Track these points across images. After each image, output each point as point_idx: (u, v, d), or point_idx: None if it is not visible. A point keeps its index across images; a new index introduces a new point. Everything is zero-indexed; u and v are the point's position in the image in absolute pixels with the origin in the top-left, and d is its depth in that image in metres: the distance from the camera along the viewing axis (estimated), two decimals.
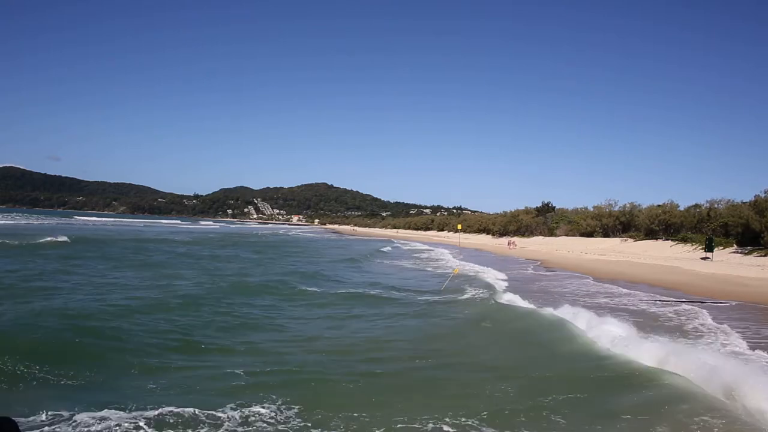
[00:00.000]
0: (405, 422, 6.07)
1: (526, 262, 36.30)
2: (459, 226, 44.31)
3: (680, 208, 51.36)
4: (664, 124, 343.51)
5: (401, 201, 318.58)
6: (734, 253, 35.84)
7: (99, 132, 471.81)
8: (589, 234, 58.75)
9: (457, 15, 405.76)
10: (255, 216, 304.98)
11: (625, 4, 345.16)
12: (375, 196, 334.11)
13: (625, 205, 59.53)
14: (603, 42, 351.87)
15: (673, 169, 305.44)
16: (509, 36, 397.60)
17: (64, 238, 32.61)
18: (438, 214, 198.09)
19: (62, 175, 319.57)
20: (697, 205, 49.68)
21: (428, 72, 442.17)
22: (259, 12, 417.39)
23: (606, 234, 57.11)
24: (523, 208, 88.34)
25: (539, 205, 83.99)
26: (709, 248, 35.71)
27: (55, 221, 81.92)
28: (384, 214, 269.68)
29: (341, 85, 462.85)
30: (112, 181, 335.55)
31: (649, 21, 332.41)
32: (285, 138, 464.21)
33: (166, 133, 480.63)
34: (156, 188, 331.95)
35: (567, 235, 63.93)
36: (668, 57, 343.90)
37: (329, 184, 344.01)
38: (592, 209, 65.44)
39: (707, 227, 42.83)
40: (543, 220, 76.75)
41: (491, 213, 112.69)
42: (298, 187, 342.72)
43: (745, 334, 11.80)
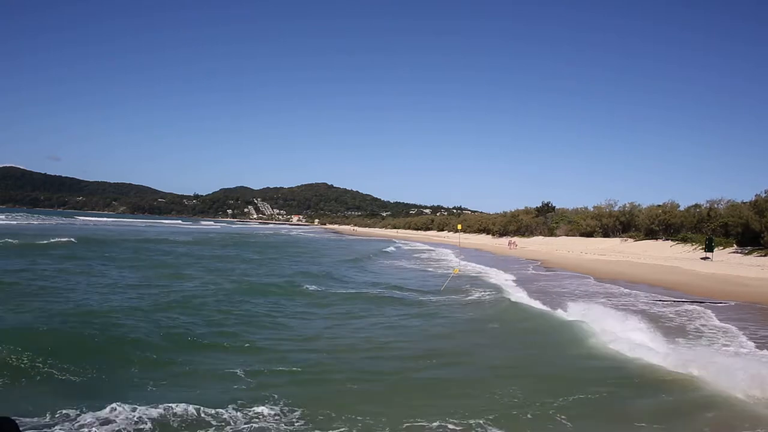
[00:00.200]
0: (410, 422, 6.05)
1: (526, 262, 36.35)
2: (459, 226, 44.26)
3: (680, 208, 51.49)
4: (664, 124, 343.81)
5: (401, 201, 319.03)
6: (734, 253, 35.88)
7: (99, 132, 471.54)
8: (589, 234, 58.80)
9: (457, 15, 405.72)
10: (255, 216, 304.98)
11: (625, 4, 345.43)
12: (375, 196, 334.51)
13: (625, 205, 59.68)
14: (603, 42, 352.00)
15: (673, 169, 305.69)
16: (509, 36, 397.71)
17: (70, 239, 32.96)
18: (438, 214, 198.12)
19: (62, 175, 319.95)
20: (697, 205, 49.74)
21: (428, 72, 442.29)
22: (259, 12, 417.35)
23: (606, 234, 57.17)
24: (523, 208, 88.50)
25: (539, 205, 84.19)
26: (709, 248, 35.75)
27: (57, 221, 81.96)
28: (384, 214, 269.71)
29: (341, 85, 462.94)
30: (112, 181, 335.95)
31: (649, 21, 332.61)
32: (285, 138, 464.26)
33: (166, 133, 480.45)
34: (156, 188, 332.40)
35: (567, 235, 63.98)
36: (668, 57, 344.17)
37: (329, 184, 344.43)
38: (592, 209, 65.53)
39: (707, 227, 42.87)
40: (543, 220, 76.81)
41: (491, 213, 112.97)
42: (298, 187, 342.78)
43: (747, 334, 11.78)
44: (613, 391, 7.27)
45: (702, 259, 35.08)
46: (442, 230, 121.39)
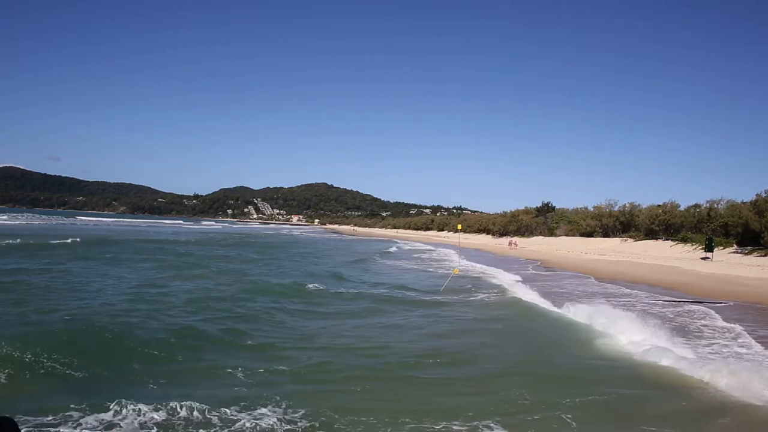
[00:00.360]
0: (414, 423, 6.06)
1: (526, 262, 36.44)
2: (459, 226, 44.35)
3: (680, 208, 51.57)
4: (664, 124, 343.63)
5: (401, 201, 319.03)
6: (734, 253, 35.97)
7: (99, 132, 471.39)
8: (589, 234, 58.89)
9: (457, 15, 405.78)
10: (255, 216, 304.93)
11: (625, 4, 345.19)
12: (375, 196, 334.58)
13: (625, 205, 59.74)
14: (603, 42, 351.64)
15: (673, 169, 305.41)
16: (509, 36, 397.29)
17: (76, 239, 33.31)
18: (438, 214, 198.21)
19: (62, 175, 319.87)
20: (697, 205, 49.80)
21: (428, 72, 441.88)
22: (259, 12, 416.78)
23: (606, 234, 57.25)
24: (523, 208, 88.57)
25: (539, 205, 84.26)
26: (709, 248, 35.83)
27: (60, 221, 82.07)
28: (384, 214, 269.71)
29: (341, 85, 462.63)
30: (112, 181, 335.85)
31: (649, 21, 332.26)
32: (285, 138, 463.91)
33: (166, 133, 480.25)
34: (156, 188, 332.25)
35: (567, 235, 64.07)
36: (668, 57, 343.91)
37: (329, 184, 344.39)
38: (592, 209, 65.60)
39: (707, 227, 42.95)
40: (543, 220, 76.91)
41: (491, 213, 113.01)
42: (298, 187, 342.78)
43: (756, 336, 11.67)
44: (622, 393, 7.18)
45: (702, 259, 35.16)
46: (442, 230, 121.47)
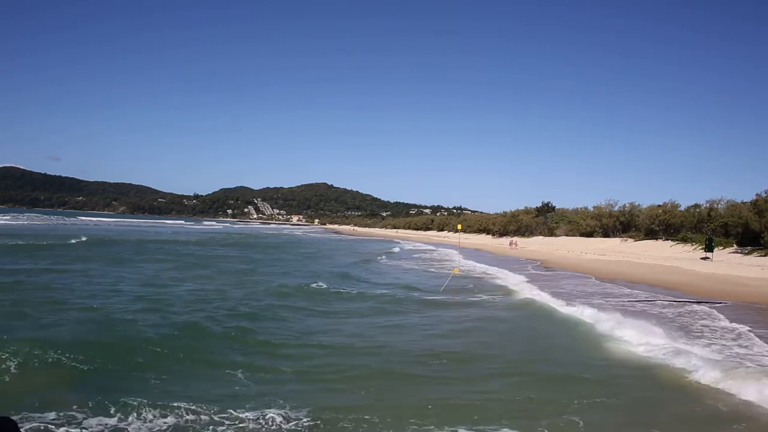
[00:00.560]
0: (419, 423, 6.07)
1: (525, 262, 36.47)
2: (459, 226, 44.42)
3: (680, 208, 51.60)
4: (664, 124, 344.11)
5: (401, 201, 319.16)
6: (734, 253, 36.00)
7: (99, 132, 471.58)
8: (589, 234, 58.92)
9: (457, 15, 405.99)
10: (255, 216, 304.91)
11: (625, 4, 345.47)
12: (375, 196, 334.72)
13: (625, 205, 59.75)
14: (603, 42, 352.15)
15: (673, 169, 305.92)
16: (509, 36, 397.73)
17: (82, 239, 33.59)
18: (438, 214, 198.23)
19: (62, 175, 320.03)
20: (697, 205, 49.82)
21: (428, 72, 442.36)
22: (259, 12, 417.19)
23: (606, 234, 57.29)
24: (523, 208, 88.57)
25: (539, 205, 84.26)
26: (709, 248, 35.85)
27: (61, 221, 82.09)
28: (384, 214, 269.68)
29: (341, 85, 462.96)
30: (112, 181, 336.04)
31: (649, 21, 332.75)
32: (285, 138, 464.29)
33: (166, 133, 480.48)
34: (156, 188, 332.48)
35: (567, 235, 64.10)
36: (668, 57, 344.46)
37: (329, 184, 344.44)
38: (592, 209, 65.62)
39: (707, 227, 42.98)
40: (543, 220, 76.94)
41: (491, 213, 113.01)
42: (298, 187, 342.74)
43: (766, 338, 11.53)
44: (633, 396, 7.11)
45: (702, 259, 35.20)
46: (442, 230, 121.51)
